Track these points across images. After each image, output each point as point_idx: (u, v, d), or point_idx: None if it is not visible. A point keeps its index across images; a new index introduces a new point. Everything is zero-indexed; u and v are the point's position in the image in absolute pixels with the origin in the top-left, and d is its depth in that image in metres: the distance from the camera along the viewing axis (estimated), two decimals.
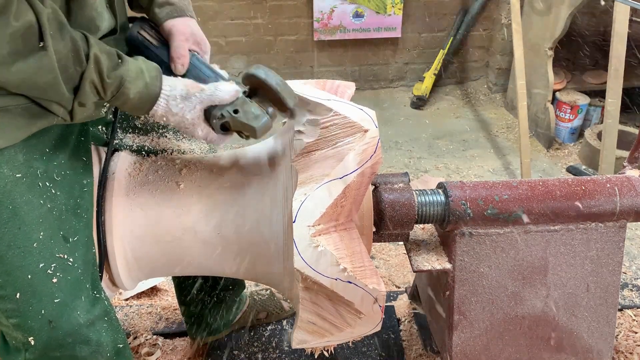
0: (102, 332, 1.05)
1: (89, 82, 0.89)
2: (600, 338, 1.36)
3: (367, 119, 1.06)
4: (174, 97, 1.00)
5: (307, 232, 0.98)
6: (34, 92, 0.88)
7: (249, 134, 1.04)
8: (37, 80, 0.85)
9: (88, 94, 0.91)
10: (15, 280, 0.95)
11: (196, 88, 1.02)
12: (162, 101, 1.00)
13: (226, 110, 1.03)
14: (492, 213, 1.22)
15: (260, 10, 3.68)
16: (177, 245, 1.18)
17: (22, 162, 0.95)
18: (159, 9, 1.15)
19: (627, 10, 2.55)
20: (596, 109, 3.35)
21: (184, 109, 1.00)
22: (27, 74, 0.83)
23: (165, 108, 1.00)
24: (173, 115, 1.01)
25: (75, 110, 0.92)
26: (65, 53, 0.86)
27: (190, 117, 1.01)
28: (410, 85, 4.00)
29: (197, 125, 1.02)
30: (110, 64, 0.92)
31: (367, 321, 1.09)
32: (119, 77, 0.93)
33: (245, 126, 1.03)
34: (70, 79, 0.88)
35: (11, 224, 0.94)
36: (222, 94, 1.02)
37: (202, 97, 1.01)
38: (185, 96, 1.01)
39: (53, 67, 0.84)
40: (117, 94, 0.94)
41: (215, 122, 1.03)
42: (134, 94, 0.95)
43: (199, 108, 1.01)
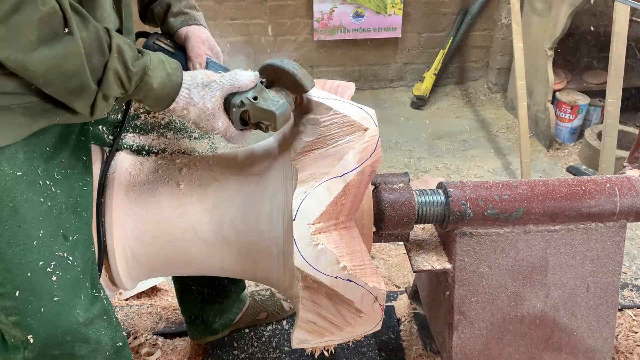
0: (101, 331, 1.05)
1: (113, 72, 0.89)
2: (600, 338, 1.36)
3: (367, 118, 1.06)
4: (195, 85, 1.00)
5: (307, 231, 0.99)
6: (59, 80, 0.86)
7: (269, 122, 1.03)
8: (65, 66, 0.84)
9: (112, 85, 0.90)
10: (14, 277, 0.96)
11: (216, 75, 1.03)
12: (184, 91, 1.00)
13: (245, 97, 1.02)
14: (492, 213, 1.22)
15: (260, 10, 3.68)
16: (177, 245, 1.18)
17: (22, 161, 0.95)
18: (173, 18, 1.18)
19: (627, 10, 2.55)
20: (596, 109, 3.35)
21: (204, 97, 1.00)
22: (55, 59, 0.83)
23: (187, 98, 1.00)
24: (194, 105, 1.00)
25: (98, 103, 0.91)
26: (89, 42, 0.86)
27: (211, 105, 1.01)
28: (410, 85, 4.00)
29: (217, 117, 1.02)
30: (132, 54, 0.93)
31: (367, 320, 1.09)
32: (142, 66, 0.93)
33: (265, 113, 1.02)
34: (94, 70, 0.88)
35: (11, 222, 0.94)
36: (242, 78, 1.02)
37: (222, 83, 1.01)
38: (206, 83, 1.01)
39: (80, 52, 0.84)
40: (141, 84, 0.94)
41: (235, 111, 1.02)
42: (157, 83, 0.95)
43: (219, 95, 1.01)
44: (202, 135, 1.37)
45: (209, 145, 1.38)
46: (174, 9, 1.19)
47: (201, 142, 1.36)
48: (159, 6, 1.21)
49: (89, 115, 0.94)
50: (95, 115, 0.94)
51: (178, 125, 1.32)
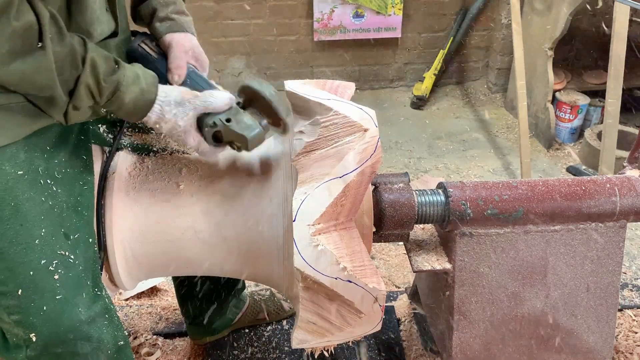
0: (102, 329, 1.05)
1: (84, 85, 0.90)
2: (600, 338, 1.36)
3: (367, 118, 1.06)
4: (167, 103, 1.01)
5: (307, 231, 0.99)
6: (31, 91, 0.88)
7: (241, 144, 1.05)
8: (35, 79, 0.85)
9: (83, 97, 0.91)
10: (17, 276, 0.96)
11: (190, 95, 1.03)
12: (156, 107, 1.00)
13: (218, 118, 1.03)
14: (492, 213, 1.22)
15: (260, 10, 3.68)
16: (177, 245, 1.18)
17: (23, 160, 0.95)
18: (159, 23, 1.17)
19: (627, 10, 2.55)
20: (596, 109, 3.35)
21: (177, 115, 1.01)
22: (25, 73, 0.83)
23: (159, 114, 1.00)
24: (166, 122, 1.01)
25: (70, 113, 0.92)
26: (62, 56, 0.86)
27: (182, 124, 1.01)
28: (410, 85, 4.00)
29: (188, 134, 1.03)
30: (107, 69, 0.93)
31: (367, 321, 1.09)
32: (115, 82, 0.94)
33: (237, 136, 1.03)
34: (65, 82, 0.89)
35: (13, 221, 0.94)
36: (216, 100, 1.03)
37: (195, 104, 1.02)
38: (180, 102, 1.01)
39: (51, 68, 0.85)
40: (113, 98, 0.94)
41: (207, 131, 1.03)
42: (129, 99, 0.96)
43: (191, 114, 1.02)
44: None
45: None
46: (160, 14, 1.18)
47: None
48: (145, 9, 1.20)
49: (64, 123, 0.95)
50: (71, 122, 0.95)
51: None
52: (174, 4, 1.20)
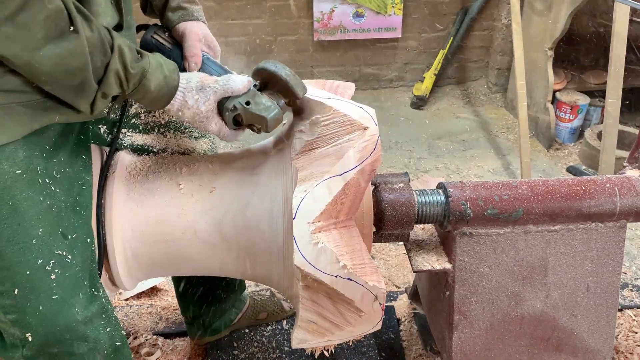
0: (99, 329, 1.05)
1: (114, 72, 0.91)
2: (600, 338, 1.36)
3: (367, 117, 1.06)
4: (190, 89, 1.03)
5: (307, 229, 0.99)
6: (63, 78, 0.88)
7: (261, 126, 1.06)
8: (69, 63, 0.86)
9: (112, 85, 0.92)
10: (14, 276, 0.96)
11: (210, 80, 1.05)
12: (179, 94, 1.02)
13: (238, 102, 1.05)
14: (492, 213, 1.22)
15: (260, 10, 3.68)
16: (177, 245, 1.18)
17: (22, 159, 0.95)
18: (172, 13, 1.19)
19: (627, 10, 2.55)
20: (596, 109, 3.35)
21: (198, 101, 1.03)
22: (60, 57, 0.84)
23: (182, 101, 1.03)
24: (188, 109, 1.03)
25: (97, 102, 0.93)
26: (93, 41, 0.88)
27: (204, 109, 1.03)
28: (410, 85, 4.00)
29: (210, 119, 1.05)
30: (132, 56, 0.95)
31: (368, 320, 1.09)
32: (141, 69, 0.95)
33: (257, 117, 1.05)
34: (96, 69, 0.90)
35: (11, 220, 0.94)
36: (234, 84, 1.05)
37: (215, 88, 1.04)
38: (200, 88, 1.03)
39: (85, 51, 0.86)
40: (139, 86, 0.96)
41: (228, 115, 1.05)
42: (154, 86, 0.98)
43: (212, 99, 1.04)
44: (203, 135, 1.37)
45: (209, 145, 1.38)
46: (172, 3, 1.19)
47: (201, 141, 1.36)
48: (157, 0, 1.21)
49: (89, 113, 0.95)
50: (95, 113, 0.96)
51: (178, 125, 1.32)
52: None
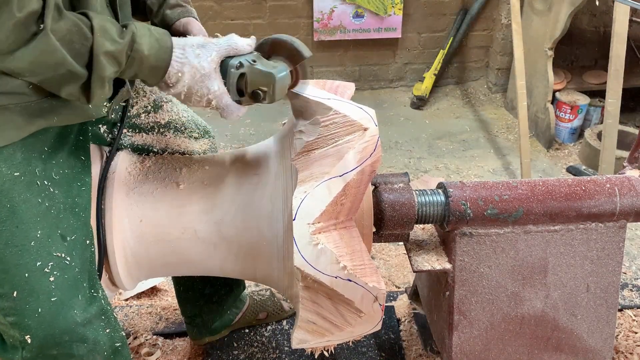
0: (99, 331, 1.05)
1: (102, 52, 0.87)
2: (600, 338, 1.36)
3: (367, 118, 1.06)
4: (190, 45, 0.97)
5: (307, 230, 0.98)
6: (47, 73, 0.86)
7: (267, 88, 0.98)
8: (44, 61, 0.83)
9: (104, 65, 0.88)
10: (12, 278, 0.96)
11: (211, 39, 1.00)
12: (177, 51, 0.96)
13: (244, 58, 0.99)
14: (492, 213, 1.22)
15: (260, 10, 3.68)
16: (177, 245, 1.18)
17: (20, 161, 0.95)
18: (170, 11, 1.17)
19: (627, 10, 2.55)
20: (596, 109, 3.35)
21: (200, 57, 0.96)
22: (33, 57, 0.82)
23: (181, 58, 0.96)
24: (189, 65, 0.96)
25: (94, 88, 0.89)
26: (66, 29, 0.84)
27: (207, 65, 0.96)
28: (410, 85, 4.00)
29: (213, 78, 0.97)
30: (117, 29, 0.91)
31: (367, 320, 1.09)
32: (129, 34, 0.91)
33: (264, 75, 0.97)
34: (79, 55, 0.86)
35: (9, 222, 0.94)
36: (239, 41, 0.99)
37: (219, 44, 0.98)
38: (202, 44, 0.98)
39: (55, 45, 0.83)
40: (132, 53, 0.91)
41: (232, 73, 0.98)
42: (147, 49, 0.92)
43: (215, 56, 0.97)
44: (203, 135, 1.37)
45: (209, 145, 1.38)
46: (171, 0, 1.18)
47: (201, 142, 1.36)
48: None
49: (86, 102, 0.92)
50: (94, 101, 0.92)
51: (178, 125, 1.32)
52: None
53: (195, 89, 0.98)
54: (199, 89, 0.98)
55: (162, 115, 1.29)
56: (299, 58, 1.02)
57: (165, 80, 0.97)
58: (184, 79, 0.97)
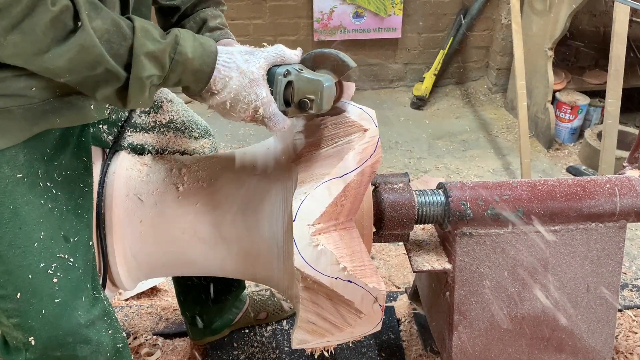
0: (102, 332, 1.05)
1: (143, 53, 0.85)
2: (600, 338, 1.36)
3: (367, 118, 1.06)
4: (238, 51, 0.95)
5: (307, 231, 0.98)
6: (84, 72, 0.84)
7: (314, 96, 0.96)
8: (83, 58, 0.82)
9: (145, 65, 0.86)
10: (15, 279, 0.96)
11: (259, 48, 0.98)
12: (223, 56, 0.93)
13: (292, 66, 0.97)
14: (492, 213, 1.22)
15: (260, 10, 3.68)
16: (177, 245, 1.18)
17: (23, 163, 0.95)
18: (210, 33, 1.16)
19: (627, 10, 2.55)
20: (596, 109, 3.35)
21: (249, 62, 0.94)
22: (72, 54, 0.81)
23: (229, 63, 0.93)
24: (237, 70, 0.93)
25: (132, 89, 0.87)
26: (105, 28, 0.83)
27: (255, 70, 0.94)
28: (410, 86, 4.00)
29: (261, 85, 0.94)
30: (159, 32, 0.89)
31: (367, 321, 1.09)
32: (172, 37, 0.89)
33: (312, 83, 0.95)
34: (117, 55, 0.84)
35: (12, 224, 0.94)
36: (287, 50, 0.98)
37: (267, 51, 0.97)
38: (250, 51, 0.97)
39: (94, 42, 0.81)
40: (175, 55, 0.88)
41: (280, 80, 0.96)
42: (192, 52, 0.90)
43: (263, 62, 0.95)
44: (203, 135, 1.37)
45: (210, 145, 1.38)
46: (211, 24, 1.17)
47: (202, 142, 1.36)
48: (192, 21, 1.19)
49: (122, 106, 0.90)
50: (130, 104, 0.89)
51: (179, 124, 1.32)
52: (221, 17, 1.21)
53: (242, 94, 0.95)
54: (246, 95, 0.95)
55: (162, 114, 1.29)
56: (344, 69, 1.00)
57: (211, 86, 0.94)
58: (231, 84, 0.94)
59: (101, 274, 1.15)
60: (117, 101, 0.89)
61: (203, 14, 1.19)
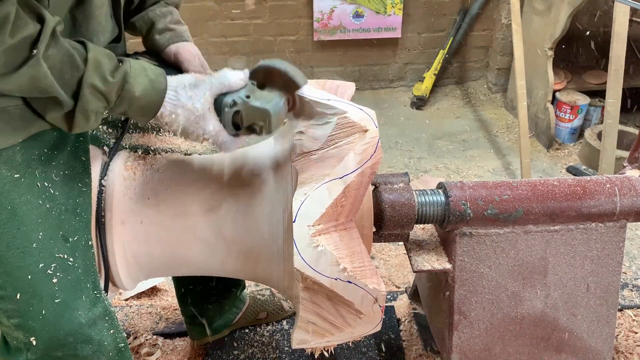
0: (103, 332, 1.05)
1: (89, 85, 0.87)
2: (600, 338, 1.36)
3: (367, 119, 1.06)
4: (182, 86, 0.96)
5: (307, 232, 0.98)
6: (35, 95, 0.87)
7: (263, 123, 0.98)
8: (34, 85, 0.84)
9: (89, 98, 0.88)
10: (15, 280, 0.96)
11: (203, 76, 0.99)
12: (170, 93, 0.95)
13: (237, 96, 0.98)
14: (492, 213, 1.22)
15: (260, 11, 3.68)
16: (177, 245, 1.18)
17: (20, 163, 0.95)
18: (159, 36, 1.15)
19: (627, 10, 2.55)
20: (596, 109, 3.35)
21: (193, 98, 0.96)
22: (22, 81, 0.82)
23: (174, 100, 0.95)
24: (182, 107, 0.95)
25: (77, 118, 0.89)
26: (59, 58, 0.84)
27: (200, 106, 0.96)
28: (410, 85, 4.00)
29: (208, 119, 0.97)
30: (111, 65, 0.90)
31: (367, 321, 1.09)
32: (122, 74, 0.91)
33: (259, 112, 0.97)
34: (67, 85, 0.86)
35: (10, 225, 0.94)
36: (231, 77, 0.99)
37: (211, 82, 0.98)
38: (194, 84, 0.97)
39: (45, 73, 0.83)
40: (122, 93, 0.91)
41: (227, 112, 0.98)
42: (139, 91, 0.92)
43: (208, 95, 0.97)
44: None
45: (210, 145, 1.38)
46: (159, 25, 1.16)
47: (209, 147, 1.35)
48: (141, 21, 1.17)
49: (68, 130, 0.92)
50: (74, 130, 0.92)
51: None
52: (171, 14, 1.19)
53: (190, 129, 0.98)
54: (194, 130, 0.98)
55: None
56: (294, 87, 1.01)
57: (158, 119, 0.97)
58: (178, 120, 0.96)
59: (102, 275, 1.15)
60: (64, 125, 0.92)
61: (152, 13, 1.17)
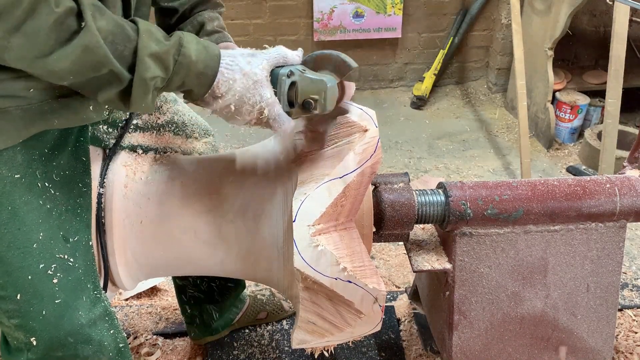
0: (103, 332, 1.05)
1: (147, 53, 0.84)
2: (600, 338, 1.36)
3: (367, 119, 1.06)
4: (240, 53, 0.95)
5: (307, 232, 0.98)
6: (88, 74, 0.83)
7: (318, 96, 0.96)
8: (87, 59, 0.81)
9: (148, 65, 0.84)
10: (15, 281, 0.96)
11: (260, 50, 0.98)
12: (226, 59, 0.93)
13: (295, 67, 0.97)
14: (492, 213, 1.22)
15: (260, 10, 3.68)
16: (177, 245, 1.18)
17: (21, 163, 0.95)
18: (207, 37, 1.16)
19: (627, 10, 2.55)
20: (596, 109, 3.35)
21: (251, 63, 0.94)
22: (76, 55, 0.80)
23: (232, 65, 0.93)
24: (241, 72, 0.93)
25: (135, 91, 0.85)
26: (109, 29, 0.82)
27: (259, 71, 0.94)
28: (410, 85, 4.00)
29: (265, 86, 0.94)
30: (162, 34, 0.89)
31: (367, 321, 1.09)
32: (176, 39, 0.88)
33: (315, 83, 0.95)
34: (121, 57, 0.83)
35: (11, 225, 0.94)
36: (288, 52, 0.98)
37: (268, 53, 0.97)
38: (252, 53, 0.97)
39: (99, 43, 0.80)
40: (179, 57, 0.88)
41: (284, 81, 0.96)
42: (195, 55, 0.89)
43: (266, 63, 0.95)
44: (203, 135, 1.37)
45: (210, 145, 1.38)
46: (208, 27, 1.17)
47: (201, 142, 1.36)
48: (189, 25, 1.18)
49: (125, 109, 0.89)
50: (133, 107, 0.88)
51: (179, 124, 1.32)
52: (218, 19, 1.20)
53: (247, 96, 0.94)
54: (251, 97, 0.94)
55: (162, 115, 1.29)
56: (346, 69, 1.00)
57: (214, 90, 0.94)
58: (235, 86, 0.93)
59: (102, 275, 1.15)
60: (119, 103, 0.89)
61: (200, 17, 1.19)
